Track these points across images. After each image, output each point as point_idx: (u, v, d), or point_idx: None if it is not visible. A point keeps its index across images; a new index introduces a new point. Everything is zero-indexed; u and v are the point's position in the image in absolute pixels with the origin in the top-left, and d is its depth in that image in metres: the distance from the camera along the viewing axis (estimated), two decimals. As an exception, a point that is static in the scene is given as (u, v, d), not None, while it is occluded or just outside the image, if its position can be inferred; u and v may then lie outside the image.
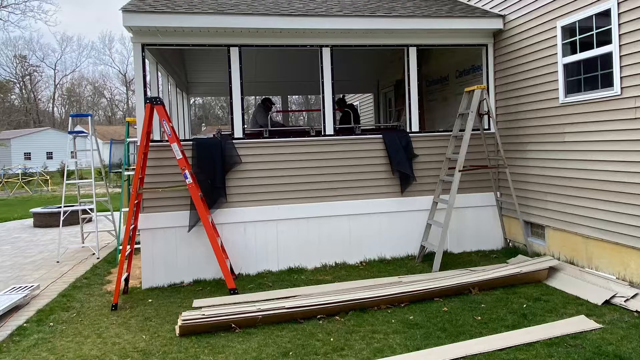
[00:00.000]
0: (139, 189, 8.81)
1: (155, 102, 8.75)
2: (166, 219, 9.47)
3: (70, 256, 12.17)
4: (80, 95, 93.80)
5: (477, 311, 7.32)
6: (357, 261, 10.26)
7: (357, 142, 10.39)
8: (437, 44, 10.85)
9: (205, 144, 9.83)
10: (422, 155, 10.54)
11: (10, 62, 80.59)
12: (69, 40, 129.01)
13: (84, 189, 27.21)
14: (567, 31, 8.75)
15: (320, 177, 10.16)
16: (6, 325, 7.60)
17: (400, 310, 7.51)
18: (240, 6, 10.05)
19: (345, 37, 10.19)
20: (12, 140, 63.10)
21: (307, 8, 10.26)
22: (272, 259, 9.96)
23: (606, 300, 7.34)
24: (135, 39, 9.41)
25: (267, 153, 9.97)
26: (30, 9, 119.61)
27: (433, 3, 11.47)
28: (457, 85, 12.98)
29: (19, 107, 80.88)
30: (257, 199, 9.91)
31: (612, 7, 7.72)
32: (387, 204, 10.41)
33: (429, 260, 9.77)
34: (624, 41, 7.61)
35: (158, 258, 9.42)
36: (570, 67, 8.77)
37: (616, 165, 7.90)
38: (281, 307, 7.27)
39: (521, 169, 10.23)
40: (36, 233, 16.12)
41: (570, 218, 9.00)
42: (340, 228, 10.24)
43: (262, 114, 13.78)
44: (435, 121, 14.24)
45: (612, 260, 8.19)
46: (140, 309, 8.07)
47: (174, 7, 9.55)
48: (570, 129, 8.81)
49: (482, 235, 10.80)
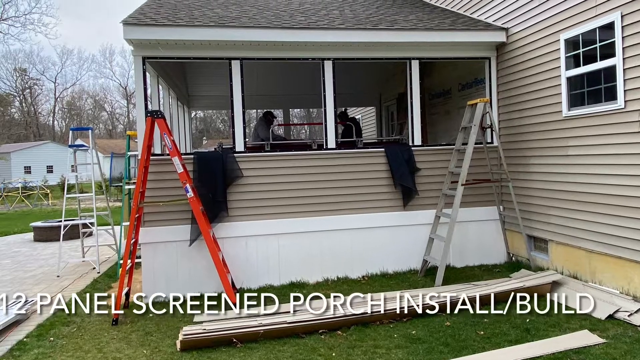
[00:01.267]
0: (140, 202, 8.77)
1: (156, 116, 8.73)
2: (167, 233, 9.42)
3: (70, 270, 12.10)
4: (81, 108, 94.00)
5: (480, 326, 7.26)
6: (360, 275, 10.19)
7: (359, 156, 10.36)
8: (439, 57, 10.86)
9: (207, 157, 9.79)
10: (424, 169, 10.50)
11: (10, 75, 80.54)
12: (70, 53, 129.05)
13: (85, 202, 27.06)
14: (570, 44, 8.72)
15: (322, 191, 10.11)
16: (6, 340, 7.54)
17: (402, 324, 7.45)
18: (241, 19, 10.05)
19: (347, 50, 10.17)
20: (12, 153, 63.02)
21: (309, 21, 10.26)
22: (273, 273, 9.89)
23: (610, 314, 7.30)
24: (136, 52, 9.39)
25: (269, 167, 9.93)
26: (31, 21, 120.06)
27: (435, 16, 11.47)
28: (459, 99, 12.92)
29: (19, 121, 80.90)
30: (258, 212, 9.87)
31: (615, 20, 7.70)
32: (389, 218, 10.35)
33: (431, 275, 9.70)
34: (627, 54, 7.59)
35: (159, 272, 9.37)
36: (573, 80, 8.75)
37: (620, 179, 7.86)
38: (283, 322, 7.22)
39: (524, 183, 10.18)
40: (36, 247, 16.03)
41: (574, 232, 8.94)
42: (342, 242, 10.17)
43: (264, 127, 13.73)
44: (437, 135, 14.19)
45: (616, 274, 8.13)
46: (141, 323, 8.00)
47: (175, 19, 9.54)
48: (574, 143, 8.77)
49: (485, 250, 10.74)
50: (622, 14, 7.61)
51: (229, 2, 12.22)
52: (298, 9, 11.74)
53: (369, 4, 13.04)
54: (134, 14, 9.77)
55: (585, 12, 8.34)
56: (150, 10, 10.30)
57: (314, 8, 11.97)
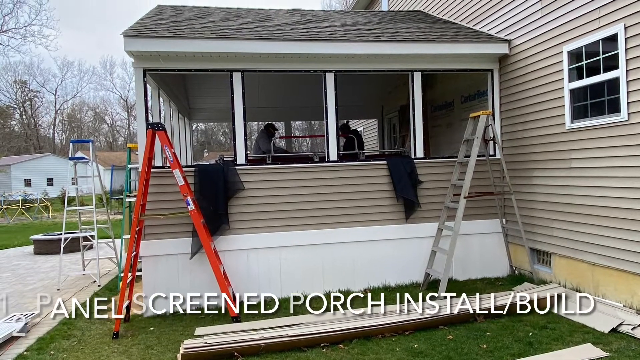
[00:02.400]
0: (141, 215, 8.73)
1: (157, 128, 8.69)
2: (168, 246, 9.38)
3: (71, 284, 12.05)
4: (81, 120, 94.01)
5: (482, 339, 7.20)
6: (361, 288, 10.12)
7: (361, 168, 10.32)
8: (442, 69, 10.84)
9: (208, 170, 9.76)
10: (427, 181, 10.46)
11: (10, 88, 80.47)
12: (70, 65, 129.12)
13: (85, 215, 27.08)
14: (573, 56, 8.70)
15: (324, 204, 10.07)
16: (6, 354, 7.49)
17: (404, 338, 7.39)
18: (242, 31, 10.04)
19: (349, 62, 10.15)
20: (12, 166, 63.07)
21: (311, 33, 10.25)
22: (275, 287, 9.81)
23: (613, 328, 7.25)
24: (137, 64, 9.37)
25: (270, 179, 9.90)
26: (31, 33, 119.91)
27: (438, 28, 11.47)
28: (462, 111, 12.92)
29: (19, 133, 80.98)
30: (260, 225, 9.82)
31: (619, 32, 7.68)
32: (391, 230, 10.30)
33: (434, 288, 9.62)
34: (631, 66, 7.56)
35: (160, 285, 9.30)
36: (576, 92, 8.72)
37: (624, 191, 7.81)
38: (284, 335, 7.17)
39: (527, 195, 10.14)
40: (37, 260, 15.99)
41: (577, 245, 8.89)
42: (344, 255, 10.12)
43: (265, 139, 13.73)
44: (440, 147, 14.17)
45: (619, 287, 8.08)
46: (141, 337, 7.95)
47: (175, 31, 9.53)
48: (577, 155, 8.74)
49: (488, 263, 10.68)
50: (625, 25, 7.59)
51: (230, 13, 12.24)
52: (300, 20, 11.75)
53: (371, 15, 13.08)
54: (135, 26, 9.76)
55: (588, 24, 8.33)
56: (151, 22, 10.30)
57: (315, 20, 11.99)
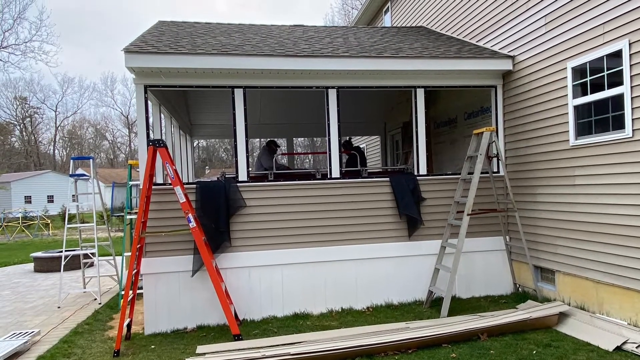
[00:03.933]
0: (142, 232, 8.67)
1: (158, 145, 8.66)
2: (169, 263, 9.31)
3: (71, 301, 11.97)
4: (82, 137, 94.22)
5: (486, 357, 7.11)
6: (364, 306, 10.05)
7: (364, 186, 10.26)
8: (445, 85, 10.78)
9: (209, 187, 9.71)
10: (429, 198, 10.41)
11: (10, 104, 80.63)
12: (70, 81, 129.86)
13: (86, 232, 27.07)
14: (577, 72, 8.67)
15: (327, 221, 10.01)
16: (5, 373, 7.43)
17: (407, 356, 7.30)
18: (244, 47, 10.03)
19: (352, 78, 10.13)
20: (12, 183, 63.07)
21: (313, 49, 10.23)
22: (277, 304, 9.76)
23: (617, 346, 7.17)
24: (138, 80, 9.35)
25: (272, 196, 9.84)
26: (31, 49, 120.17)
27: (441, 44, 11.46)
28: (465, 127, 12.89)
29: (19, 150, 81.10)
30: (262, 243, 9.75)
31: (623, 48, 7.65)
32: (394, 248, 10.24)
33: (437, 306, 9.57)
34: (635, 82, 7.52)
35: (161, 303, 9.24)
36: (580, 108, 8.68)
37: (628, 208, 7.75)
38: (286, 354, 7.09)
39: (531, 213, 10.07)
40: (37, 278, 15.92)
41: (581, 263, 8.82)
42: (346, 273, 10.05)
43: (267, 156, 13.70)
44: (443, 164, 14.15)
45: (624, 305, 7.99)
46: (142, 355, 7.88)
47: (177, 47, 9.52)
48: (581, 172, 8.68)
49: (491, 280, 10.60)
50: (629, 41, 7.56)
51: (232, 29, 12.25)
52: (302, 36, 11.75)
53: (373, 31, 13.07)
54: (136, 42, 9.75)
55: (592, 40, 8.31)
56: (152, 38, 10.29)
57: (317, 36, 11.99)
